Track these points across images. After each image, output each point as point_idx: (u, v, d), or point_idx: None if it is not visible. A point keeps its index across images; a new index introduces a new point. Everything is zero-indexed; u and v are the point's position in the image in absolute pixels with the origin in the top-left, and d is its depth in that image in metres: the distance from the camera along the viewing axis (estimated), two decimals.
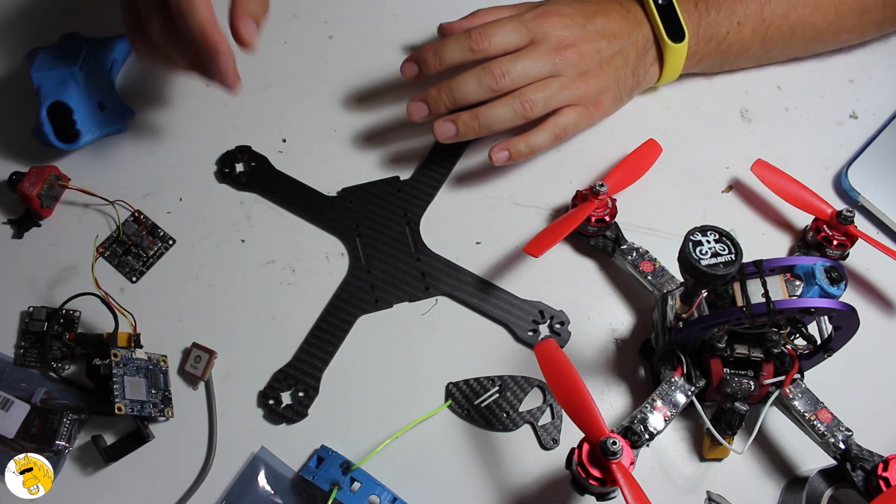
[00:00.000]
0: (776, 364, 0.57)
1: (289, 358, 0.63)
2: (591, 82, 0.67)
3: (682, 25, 0.68)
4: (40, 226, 0.67)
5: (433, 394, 0.62)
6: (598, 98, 0.68)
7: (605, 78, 0.68)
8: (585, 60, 0.66)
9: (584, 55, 0.66)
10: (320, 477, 0.58)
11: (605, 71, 0.67)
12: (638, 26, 0.68)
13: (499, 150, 0.66)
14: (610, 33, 0.67)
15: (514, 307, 0.65)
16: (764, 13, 0.70)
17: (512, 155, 0.66)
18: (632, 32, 0.68)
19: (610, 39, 0.67)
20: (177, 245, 0.67)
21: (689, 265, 0.53)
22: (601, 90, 0.68)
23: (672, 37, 0.68)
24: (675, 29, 0.68)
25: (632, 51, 0.68)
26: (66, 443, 0.59)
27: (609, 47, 0.67)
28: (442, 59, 0.65)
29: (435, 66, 0.65)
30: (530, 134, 0.66)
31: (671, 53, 0.69)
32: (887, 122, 0.73)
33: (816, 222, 0.66)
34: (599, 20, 0.67)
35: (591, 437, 0.50)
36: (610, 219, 0.65)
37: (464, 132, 0.65)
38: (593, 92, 0.67)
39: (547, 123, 0.67)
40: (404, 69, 0.66)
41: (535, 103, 0.65)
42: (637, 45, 0.68)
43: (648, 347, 0.63)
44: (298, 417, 0.61)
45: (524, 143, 0.66)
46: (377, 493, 0.57)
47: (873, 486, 0.53)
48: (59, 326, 0.62)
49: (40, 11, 0.75)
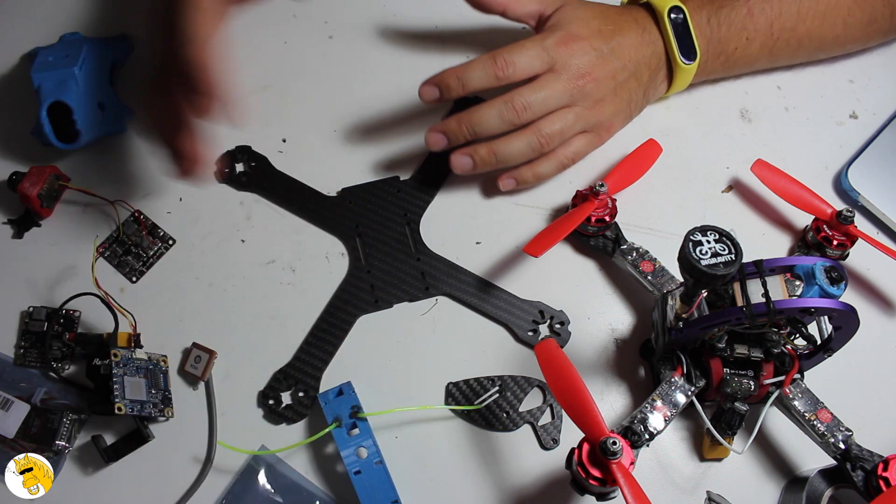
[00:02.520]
0: (776, 364, 0.57)
1: (289, 358, 0.63)
2: (606, 108, 0.67)
3: (695, 45, 0.68)
4: (40, 226, 0.67)
5: (433, 394, 0.62)
6: (611, 122, 0.68)
7: (618, 102, 0.68)
8: (601, 88, 0.66)
9: (601, 83, 0.66)
10: (330, 407, 0.59)
11: (619, 95, 0.67)
12: (652, 45, 0.68)
13: (507, 178, 0.68)
14: (626, 56, 0.67)
15: (514, 307, 0.65)
16: (773, 28, 0.69)
17: (519, 183, 0.68)
18: (646, 53, 0.68)
19: (626, 62, 0.67)
20: (177, 245, 0.67)
21: (689, 265, 0.53)
22: (614, 114, 0.68)
23: (684, 57, 0.68)
24: (687, 48, 0.68)
25: (645, 72, 0.68)
26: (66, 443, 0.59)
27: (624, 71, 0.67)
28: (465, 84, 0.65)
29: (458, 91, 0.65)
30: (537, 164, 0.67)
31: (681, 72, 0.69)
32: (887, 122, 0.73)
33: (816, 222, 0.66)
34: (616, 42, 0.67)
35: (591, 437, 0.50)
36: (610, 219, 0.65)
37: (481, 167, 0.66)
38: (606, 118, 0.68)
39: (556, 153, 0.67)
40: (424, 93, 0.65)
41: (551, 138, 0.66)
42: (650, 65, 0.68)
43: (648, 347, 0.63)
44: (298, 417, 0.61)
45: (531, 173, 0.68)
46: (367, 448, 0.58)
47: (873, 486, 0.53)
48: (59, 326, 0.62)
49: (40, 11, 0.75)
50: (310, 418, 0.62)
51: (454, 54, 0.74)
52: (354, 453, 0.58)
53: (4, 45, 0.73)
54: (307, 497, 0.59)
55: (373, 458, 0.58)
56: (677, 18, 0.68)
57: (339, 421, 0.59)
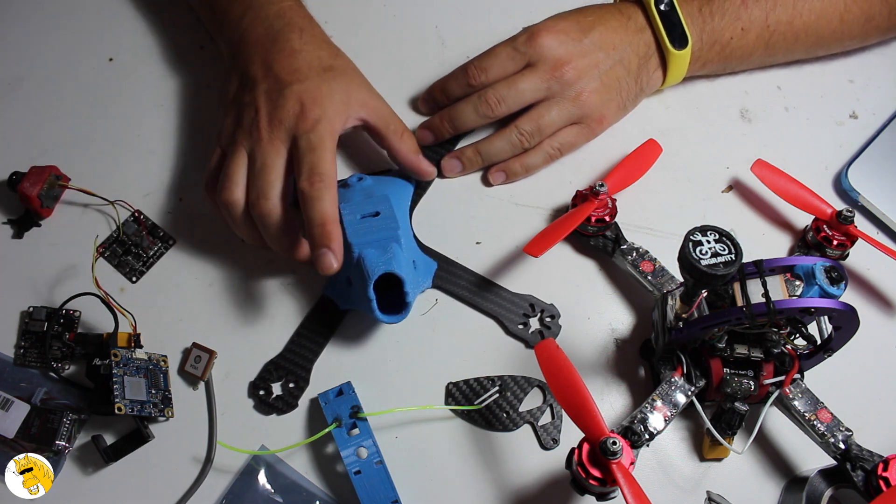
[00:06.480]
0: (776, 364, 0.57)
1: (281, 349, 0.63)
2: (592, 99, 0.67)
3: (686, 32, 0.68)
4: (40, 226, 0.67)
5: (433, 394, 0.62)
6: (601, 113, 0.68)
7: (605, 91, 0.68)
8: (584, 77, 0.66)
9: (582, 72, 0.66)
10: (330, 407, 0.59)
11: (606, 84, 0.67)
12: (639, 33, 0.68)
13: (496, 172, 0.69)
14: (608, 44, 0.67)
15: (505, 300, 0.65)
16: (769, 19, 0.69)
17: (508, 176, 0.69)
18: (632, 40, 0.68)
19: (608, 51, 0.67)
20: (177, 245, 0.67)
21: (689, 265, 0.53)
22: (602, 104, 0.68)
23: (675, 43, 0.68)
24: (678, 35, 0.68)
25: (633, 59, 0.68)
26: (66, 443, 0.59)
27: (608, 59, 0.67)
28: (448, 96, 0.69)
29: (443, 102, 0.70)
30: (526, 156, 0.69)
31: (674, 60, 0.69)
32: (887, 122, 0.73)
33: (816, 222, 0.66)
34: (597, 32, 0.67)
35: (591, 437, 0.50)
36: (610, 219, 0.65)
37: (469, 167, 0.69)
38: (594, 108, 0.68)
39: (542, 145, 0.68)
40: (421, 105, 0.72)
41: (531, 134, 0.67)
42: (638, 52, 0.68)
43: (648, 347, 0.63)
44: (288, 408, 0.61)
45: (520, 164, 0.69)
46: (367, 448, 0.58)
47: (873, 486, 0.53)
48: (59, 326, 0.62)
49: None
50: (310, 418, 0.62)
51: (454, 54, 0.73)
52: (354, 453, 0.58)
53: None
54: (307, 497, 0.59)
55: (373, 458, 0.58)
56: (665, 5, 0.68)
57: (339, 421, 0.59)
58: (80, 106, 0.71)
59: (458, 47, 0.74)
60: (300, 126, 0.60)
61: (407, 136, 0.66)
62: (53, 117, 0.70)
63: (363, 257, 0.58)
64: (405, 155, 0.66)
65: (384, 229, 0.60)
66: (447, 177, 0.69)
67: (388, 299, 0.59)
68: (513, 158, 0.68)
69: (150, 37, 0.74)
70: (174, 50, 0.74)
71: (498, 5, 0.76)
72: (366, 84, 0.66)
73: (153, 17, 0.75)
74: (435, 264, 0.65)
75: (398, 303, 0.59)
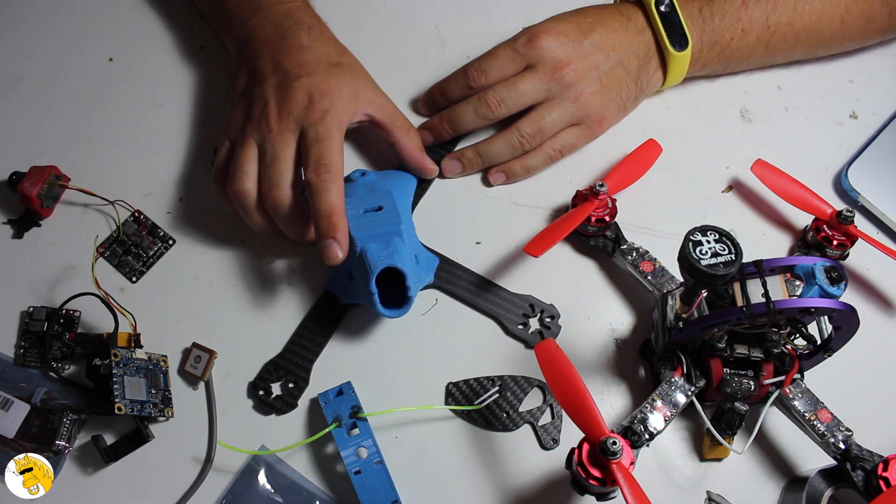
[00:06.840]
0: (776, 364, 0.57)
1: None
2: (592, 100, 0.67)
3: (686, 33, 0.68)
4: (40, 226, 0.67)
5: (433, 394, 0.62)
6: (601, 114, 0.68)
7: (605, 93, 0.68)
8: (583, 79, 0.67)
9: (582, 73, 0.66)
10: (330, 407, 0.59)
11: (606, 85, 0.67)
12: (639, 34, 0.68)
13: (496, 173, 0.69)
14: (608, 46, 0.67)
15: (505, 300, 0.65)
16: (769, 20, 0.69)
17: (509, 177, 0.69)
18: (632, 41, 0.68)
19: (608, 52, 0.67)
20: (177, 245, 0.67)
21: (689, 265, 0.53)
22: (602, 105, 0.68)
23: (675, 44, 0.68)
24: (678, 36, 0.68)
25: (633, 60, 0.68)
26: (66, 443, 0.59)
27: (607, 60, 0.67)
28: (449, 99, 0.69)
29: (441, 102, 0.70)
30: (527, 157, 0.69)
31: (674, 61, 0.69)
32: (887, 122, 0.73)
33: (816, 222, 0.66)
34: (597, 33, 0.67)
35: (591, 437, 0.50)
36: (610, 219, 0.65)
37: (469, 168, 0.69)
38: (594, 109, 0.68)
39: (543, 146, 0.68)
40: (421, 107, 0.71)
41: (532, 136, 0.67)
42: (638, 53, 0.68)
43: (648, 347, 0.63)
44: (288, 408, 0.61)
45: (521, 166, 0.69)
46: (367, 448, 0.58)
47: (873, 486, 0.53)
48: (59, 326, 0.62)
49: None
50: (310, 418, 0.62)
51: (454, 55, 0.73)
52: (354, 453, 0.58)
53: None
54: (307, 497, 0.59)
55: (373, 458, 0.58)
56: (665, 6, 0.68)
57: (339, 421, 0.59)
58: (80, 106, 0.71)
59: (458, 48, 0.74)
60: (308, 117, 0.60)
61: (412, 133, 0.67)
62: (53, 117, 0.70)
63: (366, 252, 0.58)
64: (410, 151, 0.66)
65: (387, 224, 0.60)
66: (447, 177, 0.69)
67: (390, 293, 0.59)
68: (513, 160, 0.69)
69: (150, 37, 0.74)
70: (174, 50, 0.74)
71: (498, 5, 0.77)
72: (372, 82, 0.66)
73: (153, 17, 0.75)
74: (437, 260, 0.66)
75: (400, 297, 0.59)
